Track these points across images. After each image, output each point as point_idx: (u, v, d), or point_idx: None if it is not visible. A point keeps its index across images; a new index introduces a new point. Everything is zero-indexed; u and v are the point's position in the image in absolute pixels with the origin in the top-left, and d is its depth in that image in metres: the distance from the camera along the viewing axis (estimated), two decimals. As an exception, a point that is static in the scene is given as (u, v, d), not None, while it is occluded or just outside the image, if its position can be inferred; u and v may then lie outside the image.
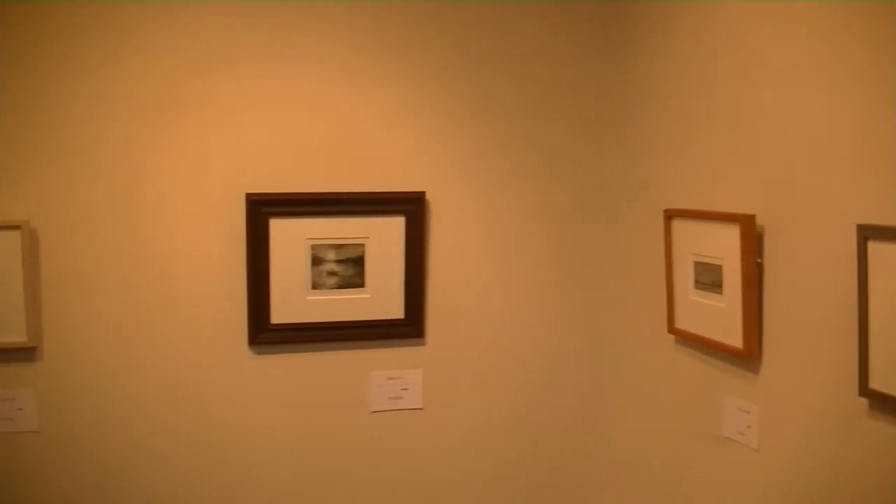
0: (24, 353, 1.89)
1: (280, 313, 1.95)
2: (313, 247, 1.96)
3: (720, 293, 1.61)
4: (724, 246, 1.58)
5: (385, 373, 2.02)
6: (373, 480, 2.03)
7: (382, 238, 1.98)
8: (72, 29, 1.84)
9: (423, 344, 2.03)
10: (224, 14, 1.89)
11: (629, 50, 2.00)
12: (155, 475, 1.95)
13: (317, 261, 1.96)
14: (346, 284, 1.97)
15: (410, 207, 1.99)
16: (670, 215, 1.78)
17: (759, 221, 1.51)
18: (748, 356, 1.54)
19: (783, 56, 1.46)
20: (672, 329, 1.80)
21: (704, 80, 1.70)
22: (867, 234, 1.24)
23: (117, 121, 1.87)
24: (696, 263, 1.70)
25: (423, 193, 1.99)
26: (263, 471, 1.99)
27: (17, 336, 1.89)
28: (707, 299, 1.67)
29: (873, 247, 1.23)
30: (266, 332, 1.95)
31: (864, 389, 1.26)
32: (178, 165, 1.91)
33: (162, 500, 1.96)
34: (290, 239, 1.94)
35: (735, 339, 1.57)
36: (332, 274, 1.97)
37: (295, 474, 2.00)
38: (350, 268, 1.97)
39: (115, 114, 1.87)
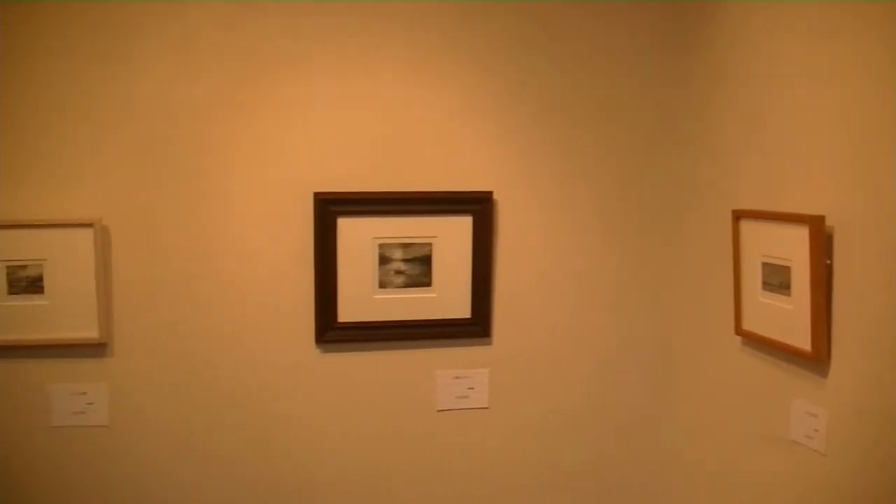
0: (95, 349, 1.93)
1: (347, 312, 1.96)
2: (380, 246, 1.96)
3: (788, 295, 1.59)
4: (792, 247, 1.55)
5: (451, 372, 2.02)
6: (437, 479, 2.04)
7: (449, 237, 1.97)
8: (140, 31, 1.86)
9: (489, 343, 2.02)
10: (289, 15, 1.89)
11: (695, 50, 1.96)
12: (219, 472, 1.98)
13: (384, 260, 1.96)
14: (412, 283, 1.97)
15: (478, 207, 1.98)
16: (738, 216, 1.75)
17: (828, 222, 1.48)
18: (816, 359, 1.51)
19: (854, 53, 1.42)
20: (739, 330, 1.78)
21: (772, 78, 1.66)
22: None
23: (184, 122, 1.89)
24: (764, 265, 1.67)
25: (490, 193, 1.98)
26: (327, 469, 2.01)
27: (89, 332, 1.92)
28: (775, 301, 1.64)
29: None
30: (333, 331, 1.96)
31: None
32: (246, 165, 1.92)
33: (225, 497, 1.99)
34: (358, 238, 1.95)
35: (803, 342, 1.54)
36: (399, 273, 1.97)
37: (359, 473, 2.02)
38: (417, 267, 1.97)
39: (183, 115, 1.89)
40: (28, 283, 1.90)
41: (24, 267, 1.89)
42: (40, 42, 1.84)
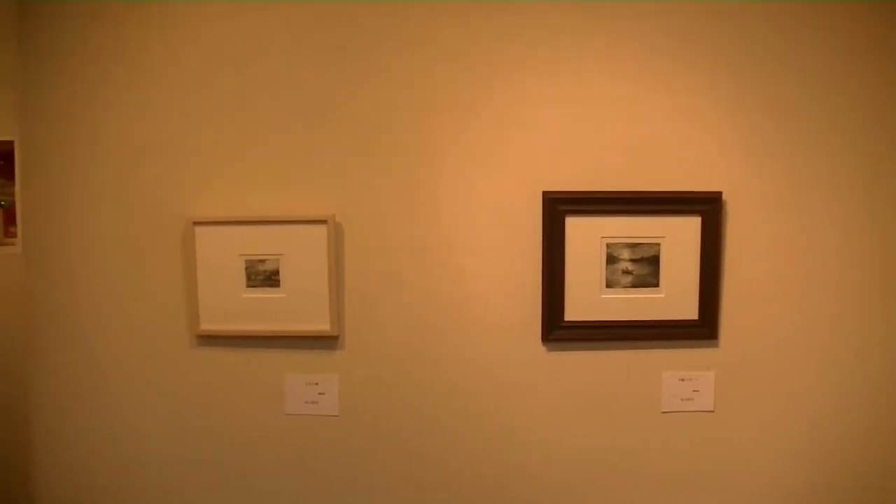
0: (327, 342, 1.99)
1: (574, 310, 1.96)
2: (608, 245, 1.95)
3: None
4: None
5: (677, 373, 1.99)
6: (659, 481, 2.02)
7: (678, 238, 1.94)
8: (368, 34, 1.91)
9: (715, 346, 1.98)
10: (517, 14, 1.90)
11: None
12: (442, 466, 2.02)
13: (611, 259, 1.95)
14: (640, 283, 1.96)
15: (706, 207, 1.94)
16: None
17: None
18: None
19: None
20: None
21: None
22: None
23: (410, 122, 1.93)
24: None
25: (719, 194, 1.94)
26: (546, 467, 2.02)
27: (321, 325, 1.98)
28: None
29: None
30: (559, 329, 1.97)
31: None
32: (474, 164, 1.94)
33: (447, 492, 2.03)
34: (586, 237, 1.94)
35: None
36: (626, 273, 1.95)
37: (579, 471, 2.02)
38: (645, 267, 1.95)
39: (408, 115, 1.93)
40: (265, 277, 1.97)
41: (263, 261, 1.96)
42: (282, 54, 1.93)
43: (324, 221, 1.94)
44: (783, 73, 1.93)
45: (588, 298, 1.95)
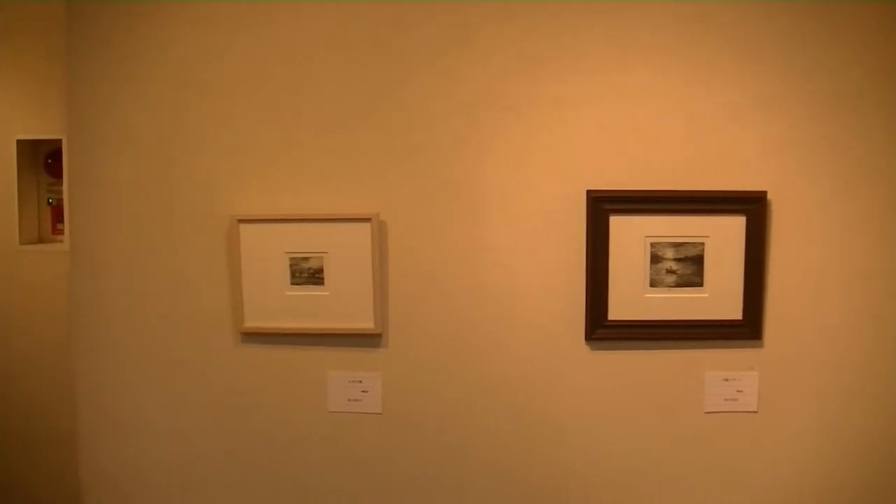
0: (371, 340, 2.00)
1: (617, 310, 1.96)
2: (652, 244, 1.95)
3: None
4: None
5: (720, 374, 1.99)
6: (703, 481, 2.01)
7: (722, 237, 1.94)
8: (422, 32, 1.92)
9: (759, 346, 1.98)
10: (561, 11, 1.91)
11: None
12: (485, 465, 2.02)
13: (655, 259, 1.95)
14: (684, 283, 1.95)
15: (751, 207, 1.93)
16: None
17: None
18: None
19: None
20: None
21: None
22: None
23: (454, 121, 1.94)
24: None
25: (764, 193, 1.93)
26: (588, 467, 2.02)
27: (365, 323, 1.99)
28: None
29: None
30: (603, 328, 1.97)
31: None
32: (518, 162, 1.94)
33: (489, 490, 2.03)
34: (630, 236, 1.94)
35: None
36: (670, 272, 1.95)
37: (621, 471, 2.02)
38: (689, 266, 1.95)
39: (451, 114, 1.94)
40: (309, 275, 1.99)
41: (307, 259, 1.98)
42: (327, 52, 1.95)
43: (368, 219, 1.96)
44: (827, 69, 1.92)
45: (631, 298, 1.95)
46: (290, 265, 1.99)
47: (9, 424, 3.56)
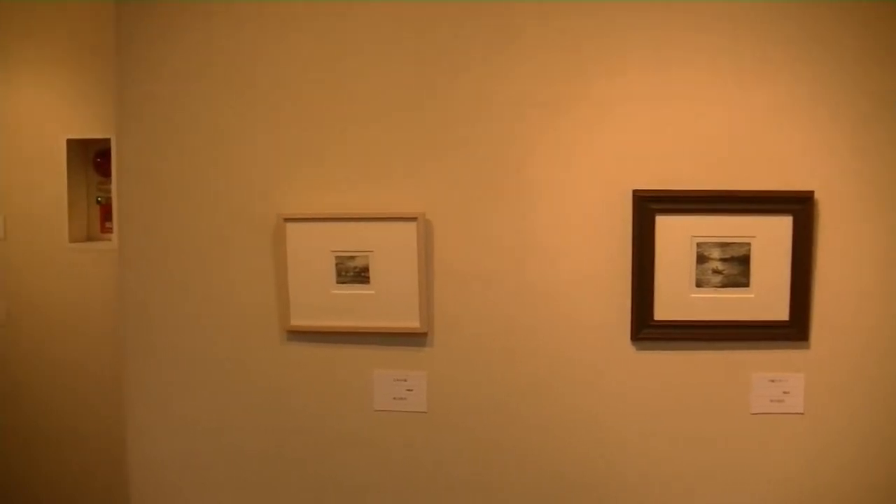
0: (416, 339, 2.01)
1: (663, 310, 1.96)
2: (699, 244, 1.94)
3: None
4: None
5: (766, 375, 1.98)
6: (749, 482, 2.00)
7: (768, 237, 1.93)
8: (468, 31, 1.94)
9: (806, 347, 1.96)
10: (606, 11, 1.91)
11: None
12: (529, 464, 2.03)
13: (701, 259, 1.94)
14: (730, 283, 1.95)
15: (798, 207, 1.92)
16: None
17: None
18: None
19: None
20: None
21: None
22: None
23: (499, 119, 1.95)
24: None
25: (811, 193, 1.92)
26: (630, 467, 2.01)
27: (410, 322, 2.00)
28: None
29: None
30: (648, 328, 1.96)
31: None
32: (564, 162, 1.95)
33: (534, 489, 2.04)
34: (676, 236, 1.94)
35: None
36: (716, 272, 1.95)
37: (664, 472, 2.01)
38: (735, 266, 1.94)
39: (497, 113, 1.95)
40: (355, 274, 2.00)
41: (353, 258, 1.99)
42: (372, 51, 1.97)
43: (413, 218, 1.97)
44: (877, 71, 1.90)
45: (677, 298, 1.95)
46: (336, 264, 2.01)
47: (56, 423, 3.59)
